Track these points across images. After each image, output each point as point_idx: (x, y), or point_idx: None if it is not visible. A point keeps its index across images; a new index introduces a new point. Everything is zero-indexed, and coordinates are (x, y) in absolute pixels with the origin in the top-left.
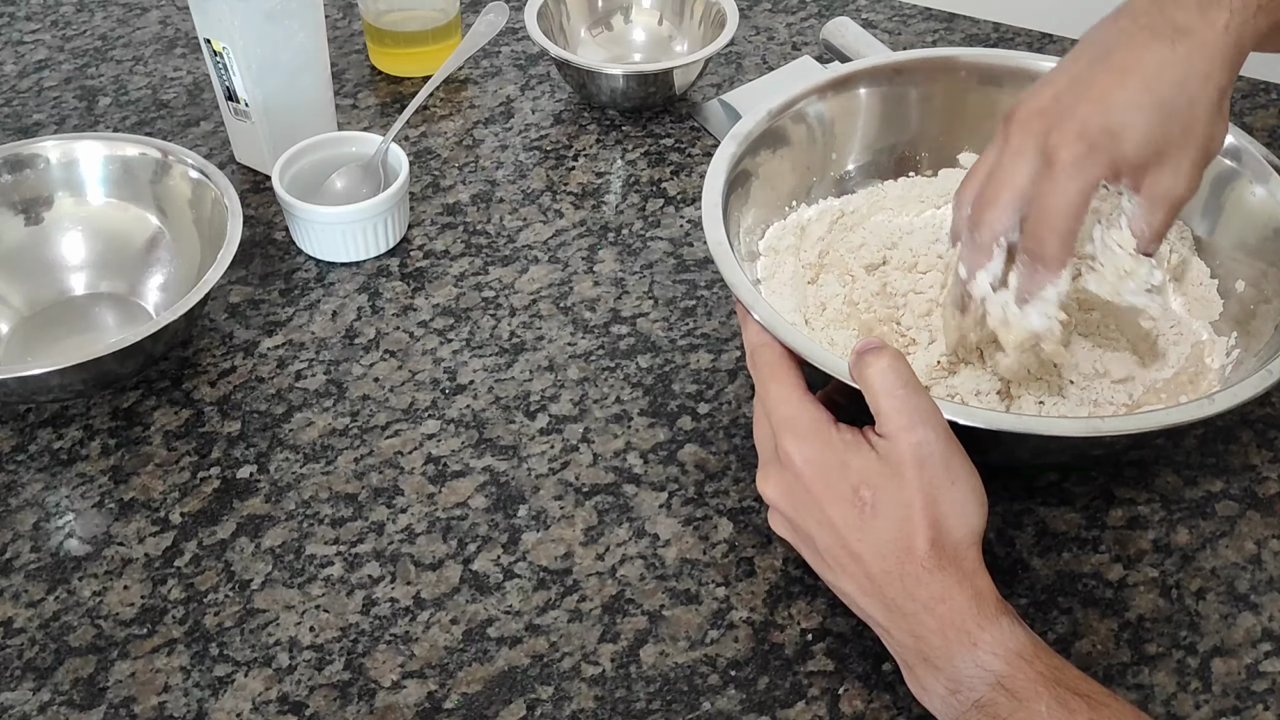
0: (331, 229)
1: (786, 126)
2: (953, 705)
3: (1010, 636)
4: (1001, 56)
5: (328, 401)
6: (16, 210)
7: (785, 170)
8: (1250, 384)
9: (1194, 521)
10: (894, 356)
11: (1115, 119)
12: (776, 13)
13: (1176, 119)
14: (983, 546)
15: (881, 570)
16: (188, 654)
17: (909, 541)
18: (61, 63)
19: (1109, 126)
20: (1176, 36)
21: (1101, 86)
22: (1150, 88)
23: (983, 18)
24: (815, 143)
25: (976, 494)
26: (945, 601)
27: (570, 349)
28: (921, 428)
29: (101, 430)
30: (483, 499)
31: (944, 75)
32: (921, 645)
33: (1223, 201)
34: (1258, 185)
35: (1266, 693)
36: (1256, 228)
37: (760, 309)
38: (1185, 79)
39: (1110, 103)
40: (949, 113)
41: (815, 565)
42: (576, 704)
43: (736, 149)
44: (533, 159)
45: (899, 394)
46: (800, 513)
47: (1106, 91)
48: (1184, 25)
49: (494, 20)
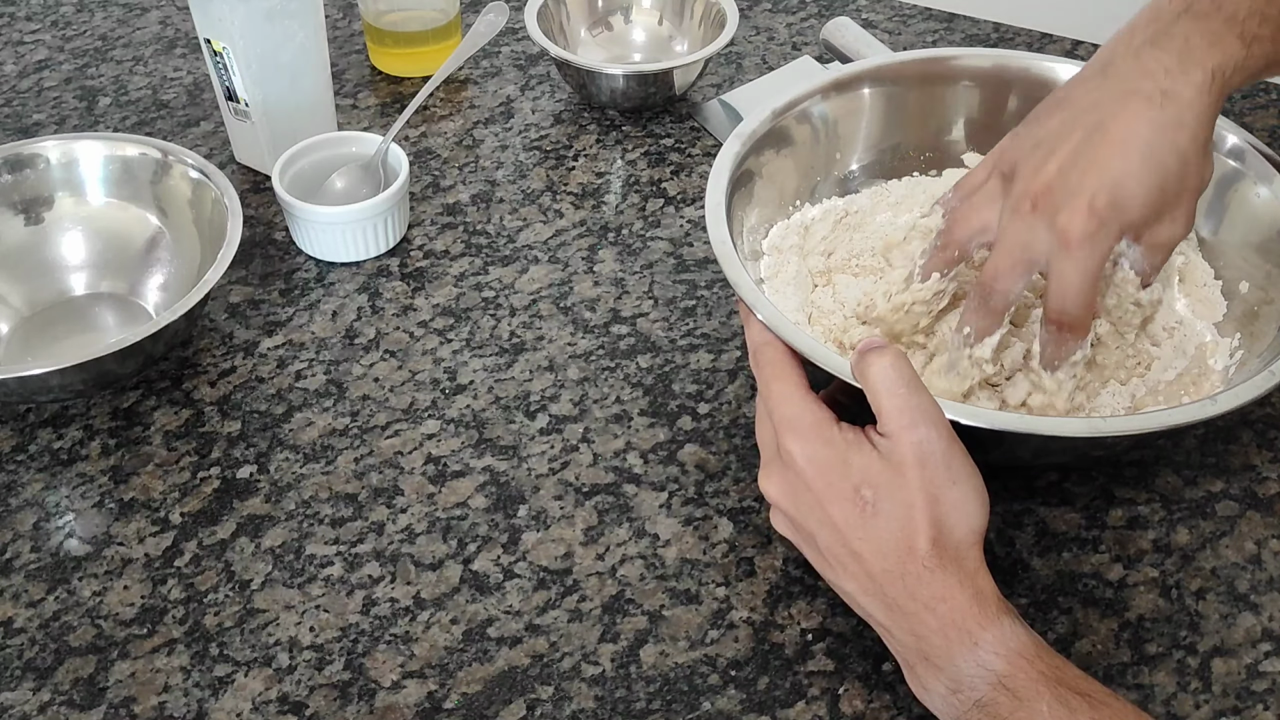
0: (331, 229)
1: (790, 126)
2: (954, 704)
3: (1011, 636)
4: (1005, 56)
5: (328, 401)
6: (16, 210)
7: (789, 170)
8: (1253, 385)
9: (1194, 521)
10: (896, 355)
11: (1120, 192)
12: (776, 13)
13: (1173, 179)
14: (983, 546)
15: (882, 569)
16: (188, 654)
17: (910, 541)
18: (61, 63)
19: (1116, 200)
20: (1163, 101)
21: (1103, 160)
22: (1149, 157)
23: (983, 18)
24: (819, 142)
25: (978, 493)
26: (946, 601)
27: (570, 349)
28: (923, 426)
29: (101, 430)
30: (483, 499)
31: (947, 75)
32: (922, 645)
33: (1227, 202)
34: (1261, 186)
35: (1266, 693)
36: (1260, 229)
37: (763, 308)
38: (1176, 142)
39: (1114, 177)
40: (952, 112)
41: (817, 564)
42: (576, 704)
43: (740, 148)
44: (533, 159)
45: (900, 393)
46: (802, 512)
47: (1109, 165)
48: (1168, 88)
49: (494, 20)
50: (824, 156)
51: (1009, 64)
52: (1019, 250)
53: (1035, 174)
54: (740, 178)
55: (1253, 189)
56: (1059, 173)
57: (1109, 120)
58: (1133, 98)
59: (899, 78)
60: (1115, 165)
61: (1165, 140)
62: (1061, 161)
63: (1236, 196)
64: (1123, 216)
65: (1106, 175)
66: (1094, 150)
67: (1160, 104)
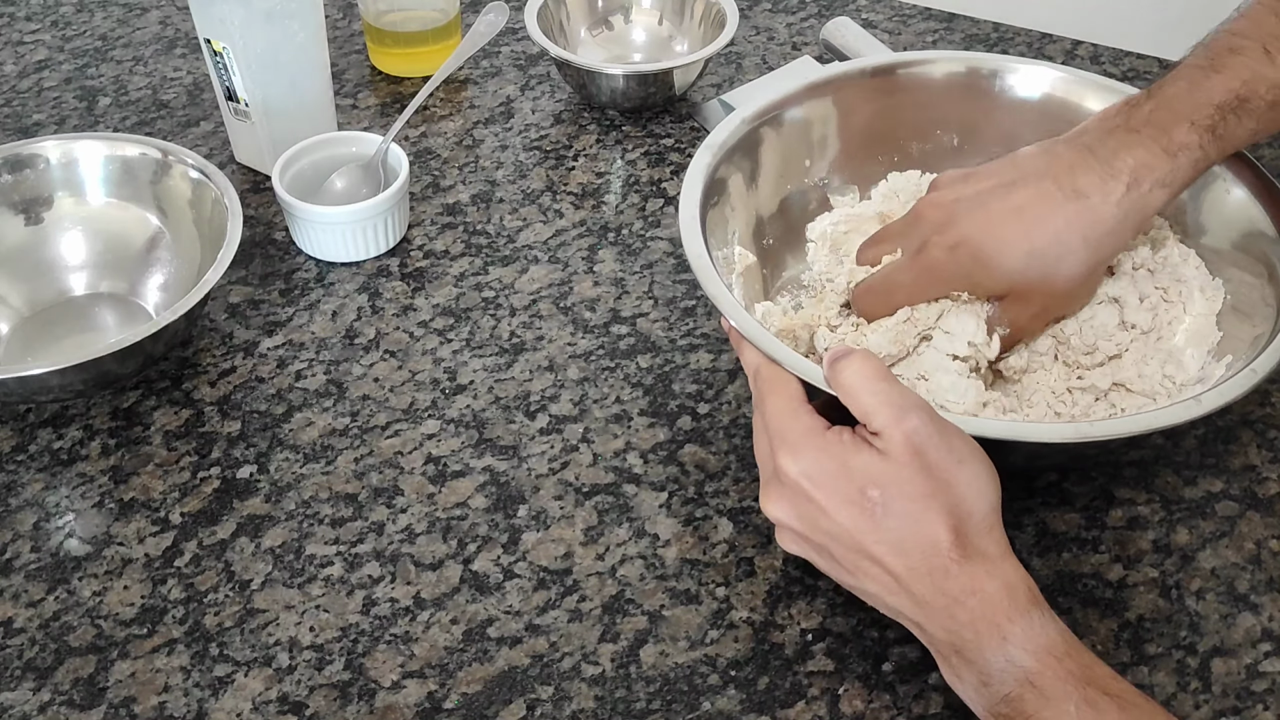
0: (331, 229)
1: (762, 132)
2: (985, 696)
3: (1041, 631)
4: (976, 59)
5: (328, 401)
6: (16, 210)
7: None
8: (1235, 383)
9: (1194, 521)
10: (864, 355)
11: (989, 249)
12: (776, 13)
13: (1037, 267)
14: (1003, 527)
15: (906, 568)
16: (188, 654)
17: (931, 534)
18: (61, 63)
19: (980, 253)
20: (1074, 197)
21: (994, 213)
22: (1030, 234)
23: (983, 18)
24: (799, 146)
25: (986, 466)
26: (976, 594)
27: (570, 349)
28: (912, 414)
29: (101, 430)
30: (483, 499)
31: (918, 79)
32: (954, 638)
33: (1200, 203)
34: (1235, 188)
35: (1266, 693)
36: (1235, 229)
37: (741, 320)
38: (1064, 236)
39: (991, 234)
40: (926, 116)
41: (834, 574)
42: (576, 704)
43: (711, 159)
44: (533, 159)
45: (879, 387)
46: (809, 525)
47: (993, 223)
48: (1084, 190)
49: (494, 20)
50: (801, 161)
51: (980, 66)
52: (891, 237)
53: (944, 190)
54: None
55: (1226, 191)
56: (954, 201)
57: (1019, 186)
58: (1048, 180)
59: (879, 79)
60: (999, 226)
61: (1053, 229)
62: (964, 195)
63: (1210, 197)
64: (978, 272)
65: (985, 229)
66: (996, 202)
67: (1069, 199)
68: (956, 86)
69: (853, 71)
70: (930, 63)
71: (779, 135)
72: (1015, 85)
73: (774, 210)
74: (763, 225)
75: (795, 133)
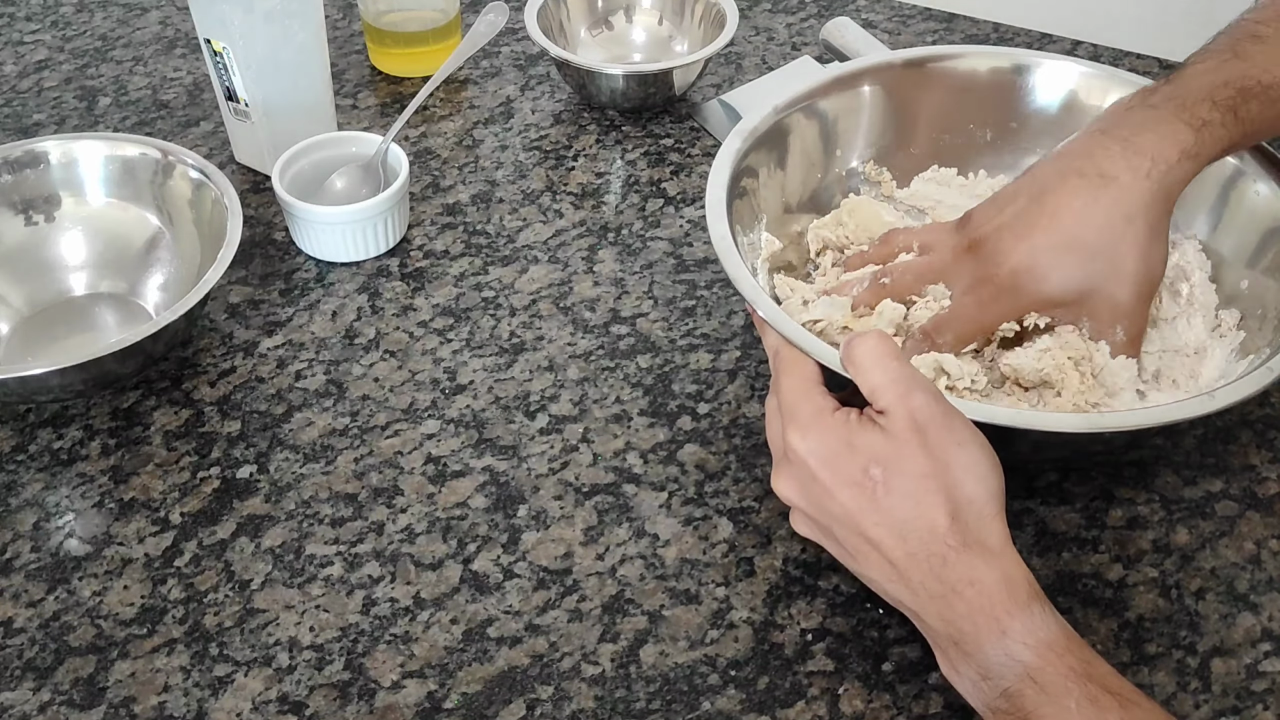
0: (331, 229)
1: (793, 121)
2: (983, 690)
3: (1041, 626)
4: (1014, 55)
5: (328, 401)
6: (16, 210)
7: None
8: (1250, 380)
9: (1194, 521)
10: (879, 335)
11: (1040, 260)
12: (776, 13)
13: (1100, 263)
14: (1006, 520)
15: (905, 554)
16: (188, 654)
17: (929, 517)
18: (61, 63)
19: (1034, 267)
20: (1102, 183)
21: (1035, 227)
22: (1077, 236)
23: (983, 18)
24: (821, 139)
25: (986, 453)
26: (974, 585)
27: (570, 349)
28: (918, 392)
29: (101, 430)
30: (483, 499)
31: (952, 73)
32: (952, 630)
33: (1226, 200)
34: (1260, 183)
35: (1266, 693)
36: (1260, 226)
37: (761, 303)
38: (1108, 223)
39: (1036, 245)
40: (960, 110)
41: (841, 558)
42: (576, 704)
43: (741, 144)
44: (533, 159)
45: (890, 365)
46: (815, 506)
47: (1036, 235)
48: (1109, 172)
49: (494, 20)
50: (827, 153)
51: (1015, 62)
52: (937, 269)
53: (981, 225)
54: (741, 173)
55: (1251, 186)
56: (996, 230)
57: (1047, 193)
58: (1072, 175)
59: (902, 75)
60: (1040, 234)
61: (1095, 220)
62: (1002, 220)
63: (1235, 194)
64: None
65: (1030, 241)
66: (1031, 216)
67: (1098, 185)
68: (990, 82)
69: (885, 64)
70: (963, 57)
71: (810, 124)
72: (1047, 81)
73: (804, 198)
74: (791, 213)
75: (826, 123)
